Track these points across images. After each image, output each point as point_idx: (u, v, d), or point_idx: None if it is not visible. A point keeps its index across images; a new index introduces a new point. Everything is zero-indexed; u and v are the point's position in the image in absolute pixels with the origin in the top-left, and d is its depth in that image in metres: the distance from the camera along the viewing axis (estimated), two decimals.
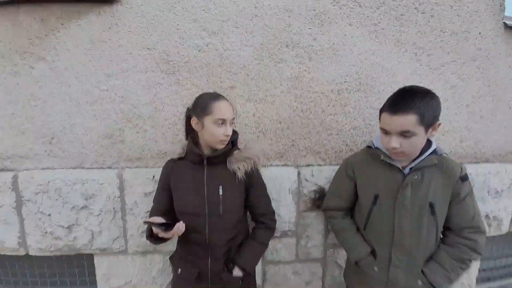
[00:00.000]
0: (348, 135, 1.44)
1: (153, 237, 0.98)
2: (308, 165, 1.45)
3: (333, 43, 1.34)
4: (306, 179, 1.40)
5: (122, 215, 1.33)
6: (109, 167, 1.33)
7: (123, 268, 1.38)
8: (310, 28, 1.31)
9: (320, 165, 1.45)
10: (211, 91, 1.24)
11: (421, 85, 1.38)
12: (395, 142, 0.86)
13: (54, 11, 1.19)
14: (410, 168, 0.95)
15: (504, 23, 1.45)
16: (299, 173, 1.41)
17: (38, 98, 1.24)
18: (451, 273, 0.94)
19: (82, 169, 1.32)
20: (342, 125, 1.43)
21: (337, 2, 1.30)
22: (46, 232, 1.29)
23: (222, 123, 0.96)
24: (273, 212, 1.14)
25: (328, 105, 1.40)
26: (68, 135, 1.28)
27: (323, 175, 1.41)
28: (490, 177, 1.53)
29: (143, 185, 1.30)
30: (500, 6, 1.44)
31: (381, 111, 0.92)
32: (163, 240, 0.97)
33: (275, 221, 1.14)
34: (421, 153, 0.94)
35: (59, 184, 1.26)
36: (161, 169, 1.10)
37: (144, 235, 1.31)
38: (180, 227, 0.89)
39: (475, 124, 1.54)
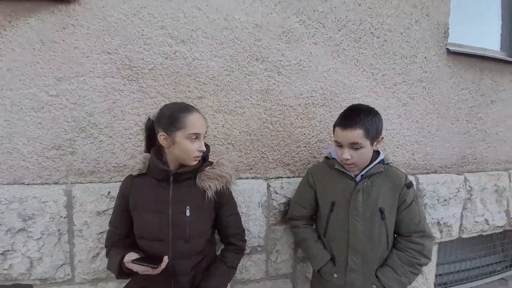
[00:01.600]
0: (315, 148, 1.49)
1: (125, 274, 0.87)
2: (278, 178, 1.44)
3: (300, 60, 1.40)
4: (275, 192, 1.39)
5: (69, 238, 1.16)
6: (56, 183, 1.17)
7: None
8: (278, 44, 1.35)
9: (289, 177, 1.46)
10: (178, 101, 1.19)
11: (377, 102, 1.55)
12: (346, 154, 0.98)
13: (2, 8, 1.06)
14: (361, 176, 1.05)
15: (447, 49, 1.68)
16: (268, 186, 1.39)
17: None
18: (402, 277, 1.01)
19: (22, 185, 1.14)
20: (309, 138, 1.47)
21: (303, 22, 1.38)
22: None
23: (195, 138, 0.89)
24: (244, 232, 1.08)
25: (296, 118, 1.43)
26: (6, 145, 1.11)
27: (292, 187, 1.41)
28: (439, 186, 1.68)
29: (96, 202, 1.16)
30: (444, 33, 1.66)
31: (334, 126, 1.04)
32: (137, 273, 0.85)
33: (245, 242, 1.07)
34: (370, 162, 1.05)
35: None
36: (118, 184, 0.98)
37: (95, 260, 1.18)
38: (165, 262, 0.82)
39: (424, 138, 1.71)
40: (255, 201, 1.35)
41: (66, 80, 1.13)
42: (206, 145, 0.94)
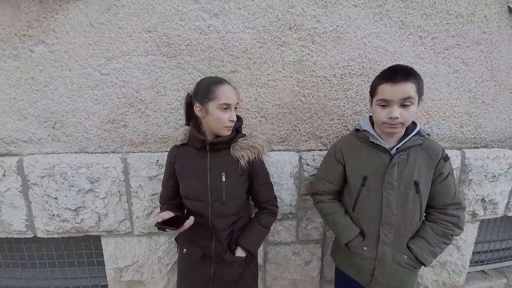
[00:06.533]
0: (350, 120, 1.45)
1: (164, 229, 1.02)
2: (310, 150, 1.46)
3: (337, 26, 1.31)
4: (307, 164, 1.42)
5: (128, 198, 1.36)
6: (113, 152, 1.35)
7: (130, 249, 1.43)
8: (314, 10, 1.28)
9: (321, 150, 1.47)
10: (213, 75, 1.23)
11: (424, 69, 1.42)
12: (396, 112, 0.91)
13: None
14: (397, 149, 1.00)
15: (509, 6, 1.42)
16: (300, 158, 1.43)
17: (39, 82, 1.23)
18: (435, 247, 1.01)
19: (86, 153, 1.34)
20: (343, 110, 1.43)
21: None
22: (53, 215, 1.33)
23: (226, 108, 0.95)
24: (276, 199, 1.17)
25: (331, 90, 1.39)
26: (71, 120, 1.29)
27: None
28: (488, 162, 1.55)
29: (147, 169, 1.32)
30: None
31: (377, 85, 0.97)
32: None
33: (278, 207, 1.17)
34: (406, 134, 1.01)
35: (64, 168, 1.28)
36: (164, 153, 1.10)
37: (149, 217, 1.38)
38: (190, 222, 0.91)
39: (477, 109, 1.54)
40: (287, 172, 1.41)
41: (114, 59, 1.23)
42: (239, 118, 1.01)
